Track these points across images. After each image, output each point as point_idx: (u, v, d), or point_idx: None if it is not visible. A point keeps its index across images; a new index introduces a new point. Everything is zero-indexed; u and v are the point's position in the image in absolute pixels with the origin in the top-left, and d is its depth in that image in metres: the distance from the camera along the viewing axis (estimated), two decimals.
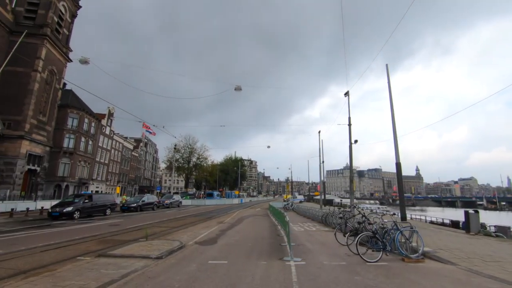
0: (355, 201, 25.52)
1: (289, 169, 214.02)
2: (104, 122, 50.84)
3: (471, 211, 13.35)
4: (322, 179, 34.68)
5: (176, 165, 61.13)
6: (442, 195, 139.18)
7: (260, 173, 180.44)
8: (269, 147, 69.61)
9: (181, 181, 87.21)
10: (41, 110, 32.63)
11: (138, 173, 74.17)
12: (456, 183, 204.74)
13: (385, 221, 8.23)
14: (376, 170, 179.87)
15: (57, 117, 35.99)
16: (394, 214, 8.14)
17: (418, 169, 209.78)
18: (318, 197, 51.74)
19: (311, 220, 18.69)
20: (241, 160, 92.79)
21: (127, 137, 64.62)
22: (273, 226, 15.26)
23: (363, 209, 19.57)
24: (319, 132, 31.89)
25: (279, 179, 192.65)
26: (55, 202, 23.19)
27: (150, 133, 43.08)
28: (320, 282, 5.27)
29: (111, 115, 53.78)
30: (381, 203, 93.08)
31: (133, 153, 69.17)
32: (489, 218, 37.56)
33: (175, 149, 59.08)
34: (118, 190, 46.39)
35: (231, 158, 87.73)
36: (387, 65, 15.98)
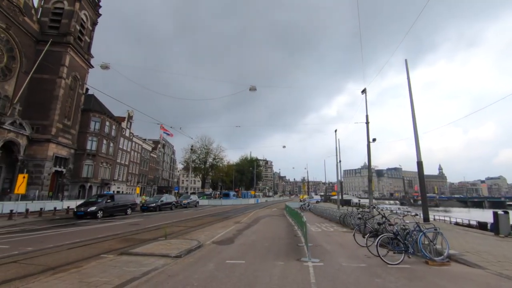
0: (374, 201, 24.81)
1: (305, 168, 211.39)
2: (124, 124, 52.64)
3: (500, 212, 12.61)
4: (339, 178, 34.01)
5: (192, 165, 62.23)
6: (467, 195, 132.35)
7: (275, 173, 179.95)
8: (284, 147, 69.63)
9: (198, 181, 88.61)
10: (66, 114, 34.31)
11: (156, 174, 76.16)
12: (483, 182, 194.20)
13: (407, 222, 7.94)
14: (395, 169, 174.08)
15: (80, 121, 37.72)
16: (416, 215, 7.83)
17: (441, 168, 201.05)
18: (335, 197, 50.82)
19: (329, 220, 18.39)
20: (257, 160, 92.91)
21: (145, 139, 66.54)
22: (289, 226, 15.16)
23: (382, 210, 19.00)
24: (336, 131, 31.29)
25: (294, 179, 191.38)
26: (79, 202, 24.27)
27: (167, 134, 44.20)
28: (339, 283, 5.17)
29: (130, 118, 55.63)
30: (402, 204, 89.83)
31: (151, 154, 71.12)
32: None
33: (191, 150, 60.15)
34: (138, 190, 47.90)
35: (246, 158, 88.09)
36: (406, 60, 15.42)
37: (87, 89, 39.12)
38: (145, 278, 5.34)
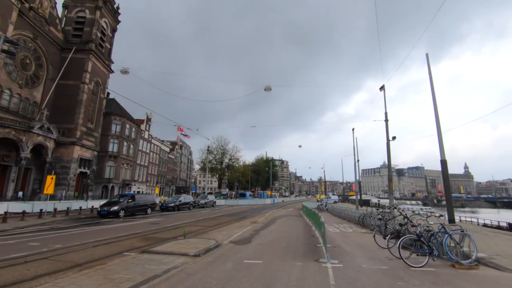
0: (394, 201, 23.99)
1: (322, 168, 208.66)
2: (143, 127, 54.30)
3: None
4: (357, 178, 33.21)
5: (209, 166, 63.08)
6: (496, 195, 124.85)
7: (291, 173, 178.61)
8: (300, 146, 68.60)
9: (215, 181, 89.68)
10: (89, 118, 35.91)
11: (174, 174, 77.90)
12: None
13: (431, 223, 7.61)
14: (417, 168, 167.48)
15: (102, 124, 39.36)
16: (441, 215, 7.49)
17: (466, 167, 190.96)
18: (353, 197, 49.70)
19: (347, 221, 18.00)
20: (272, 160, 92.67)
21: (163, 141, 68.26)
22: (307, 226, 15.00)
23: (404, 210, 18.36)
24: (353, 129, 30.59)
25: (311, 179, 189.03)
26: (103, 201, 25.28)
27: (184, 135, 45.09)
28: (359, 286, 5.05)
29: (149, 120, 57.28)
30: (424, 204, 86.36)
31: (169, 155, 72.83)
32: None
33: (208, 150, 60.99)
34: (157, 190, 49.18)
35: (262, 158, 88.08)
36: (427, 54, 14.79)
37: (108, 93, 40.79)
38: (166, 276, 5.48)
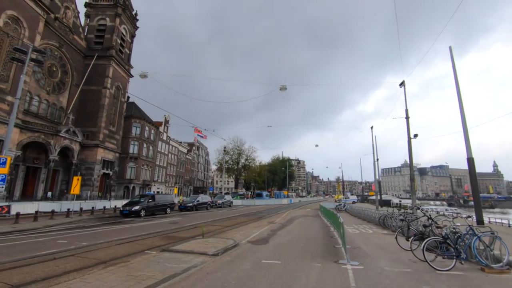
0: (417, 202, 22.98)
1: (340, 168, 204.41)
2: (161, 129, 55.78)
3: None
4: (377, 178, 32.28)
5: (226, 166, 63.71)
6: None
7: (308, 173, 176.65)
8: (317, 146, 67.00)
9: (231, 181, 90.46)
10: (111, 121, 37.36)
11: (192, 175, 79.35)
12: None
13: (458, 224, 7.24)
14: (441, 167, 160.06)
15: (123, 127, 40.83)
16: (468, 217, 7.08)
17: (496, 165, 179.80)
18: (373, 197, 48.36)
19: (367, 222, 17.53)
20: (289, 160, 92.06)
21: (181, 142, 69.75)
22: (325, 227, 14.76)
23: (427, 211, 17.61)
24: (372, 127, 29.84)
25: (328, 179, 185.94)
26: (124, 201, 26.21)
27: (201, 137, 45.87)
28: None
29: (167, 122, 58.78)
30: (450, 204, 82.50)
31: (187, 156, 74.30)
32: None
33: (224, 151, 61.61)
34: (176, 191, 50.35)
35: (278, 158, 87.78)
36: (451, 47, 14.13)
37: (128, 97, 42.27)
38: (186, 274, 5.58)
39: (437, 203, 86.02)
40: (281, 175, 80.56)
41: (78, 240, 10.03)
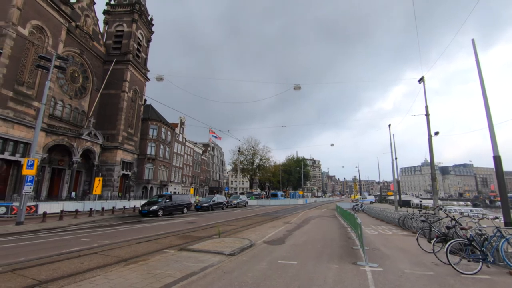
0: (439, 202, 22.02)
1: (356, 167, 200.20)
2: (177, 130, 56.91)
3: None
4: (395, 177, 31.29)
5: (240, 167, 64.03)
6: None
7: (324, 173, 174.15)
8: (332, 145, 66.15)
9: (246, 182, 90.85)
10: (129, 124, 38.59)
11: (207, 175, 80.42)
12: None
13: (484, 226, 6.89)
14: (464, 165, 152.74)
15: (141, 129, 42.03)
16: (496, 218, 6.70)
17: None
18: (391, 198, 46.94)
19: (386, 222, 17.05)
20: (304, 160, 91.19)
21: (196, 143, 70.86)
22: (342, 228, 14.50)
23: (450, 212, 16.90)
24: (389, 125, 28.90)
25: (345, 179, 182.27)
26: (143, 201, 26.97)
27: (215, 137, 46.33)
28: None
29: (182, 123, 59.91)
30: (474, 205, 78.64)
31: (202, 157, 75.38)
32: None
33: (239, 151, 61.93)
34: (192, 191, 51.24)
35: (293, 158, 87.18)
36: (473, 40, 13.47)
37: (145, 100, 43.47)
38: (203, 273, 5.67)
39: (461, 203, 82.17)
40: (296, 175, 79.95)
41: (100, 238, 10.42)
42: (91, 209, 20.41)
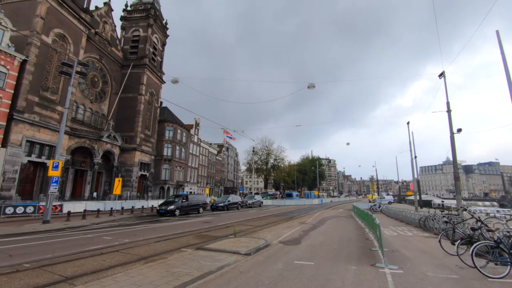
0: (463, 202, 20.96)
1: (373, 166, 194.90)
2: (192, 131, 57.84)
3: None
4: (415, 176, 30.21)
5: (255, 167, 64.13)
6: None
7: (339, 172, 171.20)
8: (348, 144, 64.51)
9: (261, 182, 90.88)
10: (146, 126, 39.65)
11: (222, 176, 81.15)
12: None
13: None
14: (490, 164, 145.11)
15: (157, 130, 43.08)
16: None
17: None
18: (411, 198, 45.42)
19: (405, 223, 16.52)
20: (319, 159, 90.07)
21: (211, 143, 71.69)
22: (359, 228, 14.19)
23: (475, 212, 16.10)
24: (408, 123, 27.94)
25: (361, 178, 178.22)
26: (160, 201, 27.62)
27: (230, 138, 46.72)
28: None
29: (197, 124, 60.81)
30: (501, 205, 74.47)
31: (217, 157, 76.16)
32: None
33: (253, 151, 62.07)
34: (207, 191, 51.91)
35: (307, 157, 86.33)
36: (498, 31, 12.79)
37: (161, 102, 44.50)
38: (220, 272, 5.73)
39: (487, 203, 78.12)
40: (311, 175, 79.06)
41: (121, 237, 10.78)
42: (111, 208, 21.15)
